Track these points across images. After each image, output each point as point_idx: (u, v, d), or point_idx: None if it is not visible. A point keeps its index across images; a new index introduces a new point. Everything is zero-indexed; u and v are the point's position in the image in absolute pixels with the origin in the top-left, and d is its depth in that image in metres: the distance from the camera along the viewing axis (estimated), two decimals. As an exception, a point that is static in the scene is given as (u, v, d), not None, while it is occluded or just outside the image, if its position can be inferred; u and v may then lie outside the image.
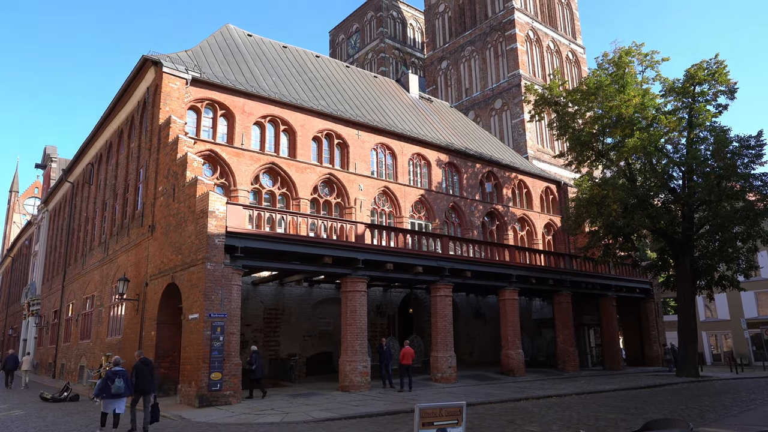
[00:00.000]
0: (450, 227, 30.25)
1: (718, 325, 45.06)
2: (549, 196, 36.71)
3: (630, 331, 35.30)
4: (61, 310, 31.37)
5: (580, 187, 28.55)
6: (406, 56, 60.05)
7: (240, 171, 22.42)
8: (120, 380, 11.51)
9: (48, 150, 42.31)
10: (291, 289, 23.40)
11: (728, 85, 25.98)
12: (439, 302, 22.31)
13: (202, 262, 16.10)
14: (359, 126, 26.95)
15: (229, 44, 26.68)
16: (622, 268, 30.95)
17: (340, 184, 25.64)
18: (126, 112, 25.16)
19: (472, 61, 48.08)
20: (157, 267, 19.40)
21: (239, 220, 17.14)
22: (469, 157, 31.88)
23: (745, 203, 25.36)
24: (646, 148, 25.00)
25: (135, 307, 20.82)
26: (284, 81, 26.40)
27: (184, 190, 17.79)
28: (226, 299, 16.29)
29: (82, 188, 31.69)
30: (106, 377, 11.63)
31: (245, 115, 23.10)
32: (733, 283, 27.32)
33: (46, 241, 39.00)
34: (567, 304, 27.82)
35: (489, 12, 47.53)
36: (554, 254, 29.31)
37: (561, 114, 28.79)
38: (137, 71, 22.36)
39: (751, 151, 25.44)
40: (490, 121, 45.06)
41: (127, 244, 22.74)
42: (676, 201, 26.64)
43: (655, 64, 27.01)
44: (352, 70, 33.95)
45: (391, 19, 60.71)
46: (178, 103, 20.83)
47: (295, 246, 18.19)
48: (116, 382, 11.46)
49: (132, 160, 23.97)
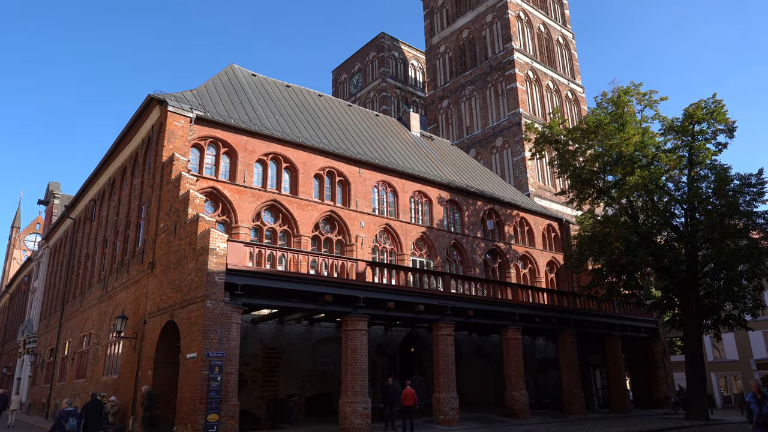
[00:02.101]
0: (452, 265, 30.04)
1: (727, 365, 44.19)
2: (551, 233, 36.58)
3: (637, 372, 34.59)
4: (58, 348, 30.90)
5: (582, 225, 28.47)
6: (407, 95, 60.98)
7: (242, 208, 22.42)
8: (73, 419, 12.09)
9: (51, 186, 42.55)
10: (291, 328, 23.06)
11: (727, 124, 26.19)
12: (441, 341, 21.94)
13: (202, 299, 15.90)
14: (361, 163, 27.09)
15: (233, 83, 27.10)
16: (626, 307, 30.56)
17: (342, 222, 25.60)
18: (130, 149, 25.36)
19: (473, 100, 48.76)
20: (156, 304, 19.17)
21: (240, 257, 17.02)
22: (471, 194, 31.93)
23: (749, 241, 25.21)
24: (647, 186, 25.05)
25: (132, 345, 20.49)
26: (287, 119, 26.70)
27: (185, 227, 17.74)
28: (225, 338, 16.02)
29: (83, 225, 31.68)
30: (59, 416, 12.24)
31: (248, 152, 23.26)
32: (740, 323, 26.92)
33: (45, 278, 38.77)
34: (571, 343, 27.34)
35: (489, 52, 48.47)
36: (557, 292, 28.98)
37: (561, 152, 28.96)
38: (143, 109, 22.63)
39: (753, 189, 25.45)
40: (491, 158, 45.36)
41: (126, 281, 22.55)
42: (679, 239, 26.49)
43: (654, 103, 27.32)
44: (354, 109, 34.37)
45: (393, 59, 61.91)
46: (181, 141, 20.99)
47: (296, 284, 18.00)
48: (69, 421, 12.30)
49: (134, 196, 24.02)
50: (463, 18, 52.02)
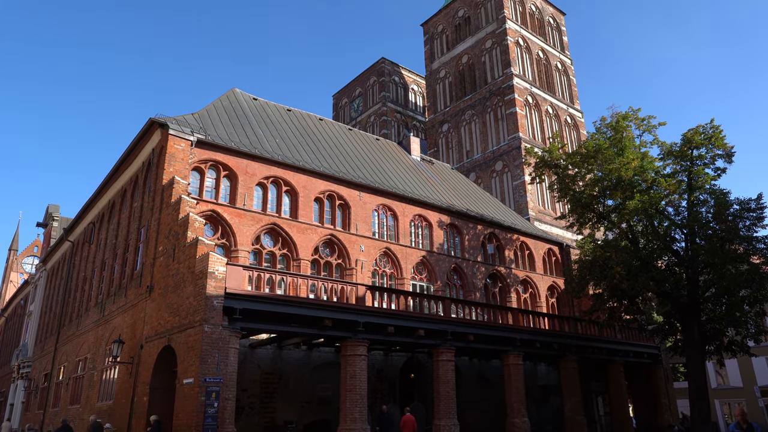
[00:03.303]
0: (452, 289, 29.84)
1: (730, 392, 43.59)
2: (552, 257, 36.45)
3: (640, 399, 34.09)
4: (52, 373, 30.48)
5: (583, 249, 28.34)
6: (407, 119, 61.43)
7: (241, 231, 22.35)
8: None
9: (50, 209, 42.48)
10: (289, 353, 22.77)
11: (725, 149, 26.23)
12: (441, 367, 21.67)
13: (200, 324, 15.73)
14: (361, 187, 27.11)
15: (234, 107, 27.28)
16: (628, 333, 30.28)
17: (341, 245, 25.50)
18: (131, 172, 25.39)
19: (473, 124, 49.07)
20: (153, 329, 18.96)
21: (239, 281, 16.89)
22: (471, 218, 31.89)
23: (750, 266, 25.09)
24: (647, 211, 25.01)
25: (128, 370, 20.20)
26: (288, 143, 26.80)
27: (184, 251, 17.64)
28: (223, 363, 15.80)
29: (81, 247, 31.54)
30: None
31: (248, 176, 23.28)
32: (743, 349, 26.61)
33: (41, 301, 38.44)
34: (573, 369, 27.01)
35: (489, 77, 48.95)
36: (559, 317, 28.73)
37: (561, 176, 29.01)
38: (144, 132, 22.72)
39: (752, 214, 25.39)
40: (491, 182, 45.46)
41: (124, 304, 22.35)
42: (680, 263, 26.34)
43: (652, 128, 27.43)
44: (354, 133, 34.55)
45: (393, 84, 62.53)
46: (182, 164, 21.02)
47: (295, 308, 17.84)
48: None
49: (134, 219, 23.96)
50: (462, 44, 52.68)
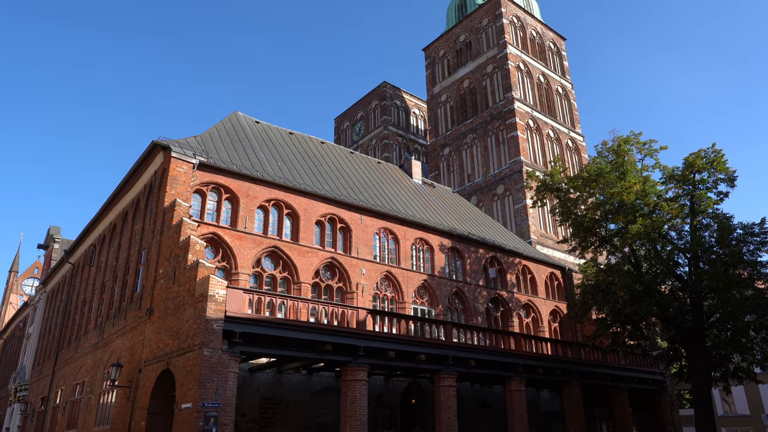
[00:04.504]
0: (453, 313, 29.59)
1: (738, 420, 42.80)
2: (554, 282, 36.21)
3: (645, 426, 33.48)
4: (50, 396, 30.10)
5: (585, 273, 28.17)
6: (409, 143, 61.77)
7: (242, 254, 22.27)
8: None
9: (52, 230, 42.53)
10: (289, 377, 22.49)
11: (727, 174, 26.23)
12: (443, 393, 21.36)
13: (199, 347, 15.56)
14: (362, 210, 27.09)
15: (237, 130, 27.44)
16: (632, 358, 29.90)
17: (342, 269, 25.38)
18: (132, 194, 25.42)
19: (474, 147, 49.29)
20: (152, 352, 18.76)
21: (239, 304, 16.77)
22: (472, 242, 31.79)
23: (755, 291, 24.87)
24: (649, 235, 24.91)
25: (126, 394, 19.93)
26: (289, 166, 26.88)
27: (184, 273, 17.55)
28: (222, 387, 15.59)
29: (82, 270, 31.44)
30: None
31: (250, 198, 23.30)
32: (750, 375, 26.22)
33: (41, 324, 38.18)
34: (577, 396, 26.61)
35: (490, 101, 49.33)
36: (561, 343, 28.43)
37: (563, 200, 28.99)
38: (146, 155, 22.78)
39: (756, 239, 25.29)
40: (493, 206, 45.46)
41: (123, 327, 22.16)
42: (684, 288, 26.13)
43: (654, 152, 27.45)
44: (355, 156, 34.68)
45: (395, 108, 63.05)
46: (184, 187, 21.05)
47: (295, 332, 17.68)
48: None
49: (135, 242, 23.91)
50: (463, 68, 53.23)
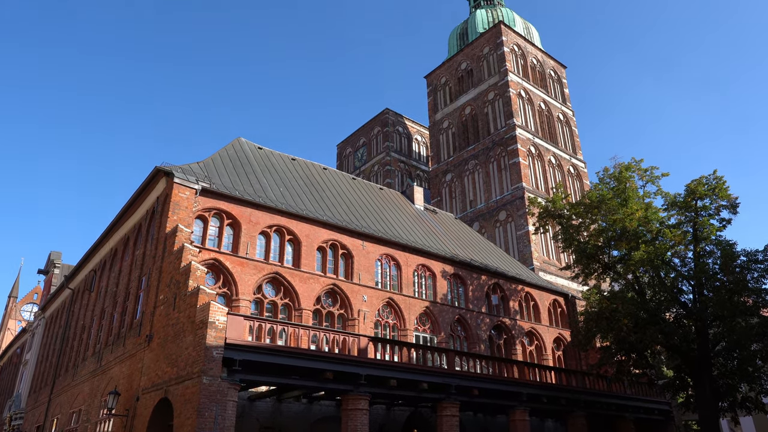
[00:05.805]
0: (456, 341, 29.25)
1: (745, 451, 41.93)
2: (557, 309, 35.88)
3: (651, 457, 32.78)
4: (45, 425, 29.60)
5: (589, 301, 27.93)
6: (411, 169, 62.04)
7: (243, 280, 22.13)
8: None
9: (52, 255, 42.45)
10: (289, 406, 22.12)
11: (729, 200, 26.19)
12: (445, 423, 21.00)
13: (198, 375, 15.33)
14: (364, 236, 27.01)
15: (239, 156, 27.56)
16: (638, 388, 29.43)
17: (344, 295, 25.19)
18: (134, 220, 25.40)
19: (476, 174, 49.44)
20: (150, 380, 18.49)
21: (239, 331, 16.59)
22: (475, 268, 31.61)
23: (761, 319, 24.59)
24: (653, 261, 24.76)
25: (123, 423, 19.57)
26: (291, 192, 26.91)
27: (185, 300, 17.41)
28: (221, 416, 15.32)
29: (81, 295, 31.23)
30: None
31: (251, 224, 23.26)
32: (758, 406, 25.76)
33: (38, 350, 37.79)
34: (582, 426, 26.12)
35: (491, 128, 49.66)
36: (566, 371, 28.03)
37: (565, 226, 28.94)
38: (149, 181, 22.82)
39: (760, 266, 25.11)
40: (495, 232, 45.37)
41: (121, 354, 21.90)
42: (689, 316, 25.85)
43: (656, 179, 27.51)
44: (358, 182, 34.76)
45: (397, 134, 63.51)
46: (186, 212, 21.04)
47: (296, 359, 17.45)
48: None
49: (135, 267, 23.80)
50: (465, 95, 53.76)
